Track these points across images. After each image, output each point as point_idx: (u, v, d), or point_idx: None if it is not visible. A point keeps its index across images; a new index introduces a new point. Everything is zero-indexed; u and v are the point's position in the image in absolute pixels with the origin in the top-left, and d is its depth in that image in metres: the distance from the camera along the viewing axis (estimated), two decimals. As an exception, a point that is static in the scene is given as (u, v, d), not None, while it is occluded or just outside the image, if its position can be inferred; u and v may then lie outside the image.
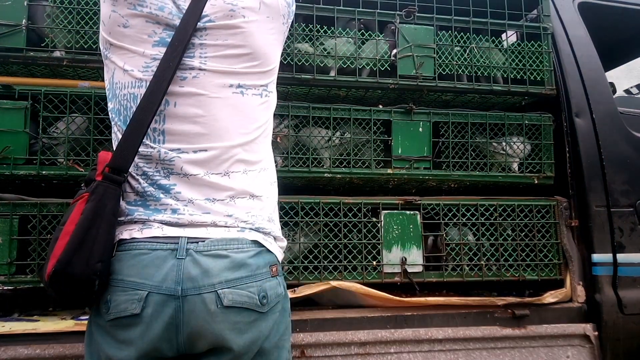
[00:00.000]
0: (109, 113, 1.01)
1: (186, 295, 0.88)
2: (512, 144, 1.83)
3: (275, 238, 1.03)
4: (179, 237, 0.91)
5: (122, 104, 0.96)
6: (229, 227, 0.94)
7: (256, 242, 0.96)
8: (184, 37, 0.93)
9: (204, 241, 0.92)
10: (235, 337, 0.90)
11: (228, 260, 0.91)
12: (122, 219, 0.95)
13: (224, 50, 0.97)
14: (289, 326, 1.03)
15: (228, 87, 0.97)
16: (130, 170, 0.95)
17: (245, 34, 0.97)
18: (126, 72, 0.96)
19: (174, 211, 0.93)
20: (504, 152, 1.82)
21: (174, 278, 0.88)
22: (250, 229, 0.96)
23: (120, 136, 0.95)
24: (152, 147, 0.95)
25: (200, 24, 0.95)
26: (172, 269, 0.89)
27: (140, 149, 0.94)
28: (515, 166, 1.84)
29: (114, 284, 0.91)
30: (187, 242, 0.91)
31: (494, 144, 1.84)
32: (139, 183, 0.95)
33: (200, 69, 0.95)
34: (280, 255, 1.03)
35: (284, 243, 1.07)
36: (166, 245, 0.91)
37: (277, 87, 1.10)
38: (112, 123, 1.00)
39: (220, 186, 0.95)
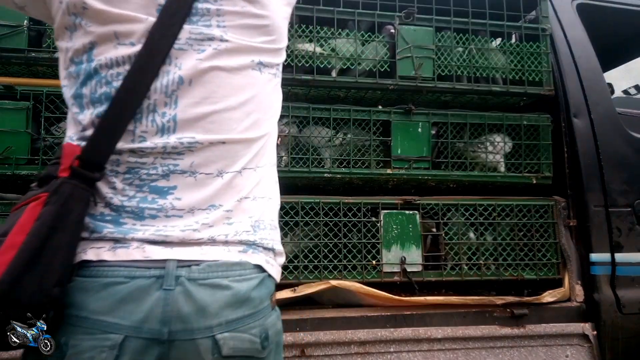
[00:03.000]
0: (66, 93, 0.78)
1: (174, 339, 0.68)
2: (494, 142, 1.83)
3: (275, 253, 0.84)
4: (165, 260, 0.70)
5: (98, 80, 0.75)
6: (228, 242, 0.75)
7: (259, 267, 0.78)
8: (184, 1, 0.75)
9: (198, 265, 0.71)
10: None
11: (229, 293, 0.72)
12: (85, 235, 0.71)
13: (243, 19, 0.80)
14: None
15: (249, 65, 0.80)
16: (106, 166, 0.72)
17: (263, 3, 0.82)
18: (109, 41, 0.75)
19: (161, 228, 0.72)
20: (489, 151, 1.83)
21: (159, 316, 0.67)
22: (254, 244, 0.78)
23: (89, 120, 0.73)
24: (155, 137, 0.74)
25: None
26: (156, 303, 0.67)
27: (133, 140, 0.73)
28: (502, 167, 1.85)
29: (73, 322, 0.67)
30: (177, 267, 0.70)
31: (478, 144, 1.84)
32: (114, 187, 0.73)
33: (222, 40, 0.77)
34: (278, 278, 0.85)
35: (283, 259, 0.88)
36: (149, 271, 0.69)
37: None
38: (73, 106, 0.76)
39: (231, 186, 0.77)
